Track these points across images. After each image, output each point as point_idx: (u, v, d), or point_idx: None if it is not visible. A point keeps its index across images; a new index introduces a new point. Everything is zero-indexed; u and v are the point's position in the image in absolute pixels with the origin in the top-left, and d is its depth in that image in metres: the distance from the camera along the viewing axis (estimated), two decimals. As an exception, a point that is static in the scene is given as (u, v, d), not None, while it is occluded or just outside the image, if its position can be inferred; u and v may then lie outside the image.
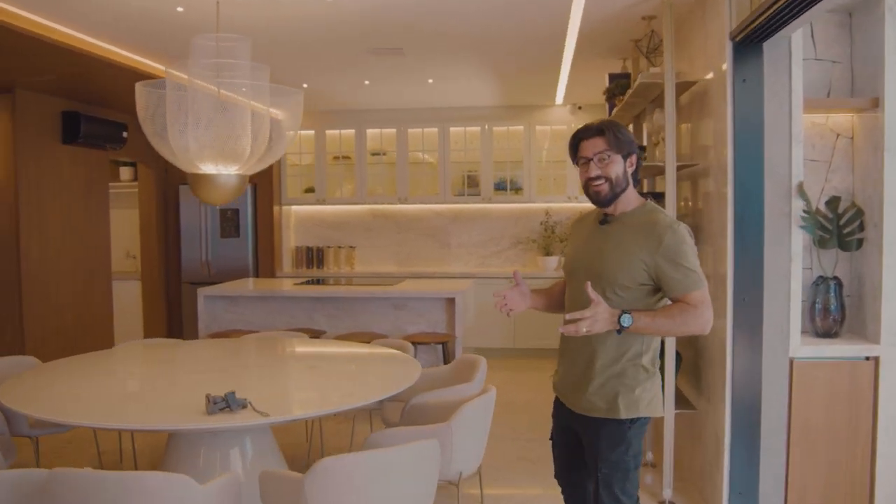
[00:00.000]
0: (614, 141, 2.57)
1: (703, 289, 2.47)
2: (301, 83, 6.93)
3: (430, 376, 4.43)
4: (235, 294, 6.64)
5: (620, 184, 2.58)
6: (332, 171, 8.84)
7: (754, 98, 3.53)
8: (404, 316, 6.51)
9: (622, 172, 2.57)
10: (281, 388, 3.67)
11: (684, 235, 2.49)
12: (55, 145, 6.68)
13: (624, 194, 2.61)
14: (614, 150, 2.56)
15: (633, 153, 2.61)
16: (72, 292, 6.98)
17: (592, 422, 2.65)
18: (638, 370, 2.59)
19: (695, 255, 2.49)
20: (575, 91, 7.52)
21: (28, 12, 4.58)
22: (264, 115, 3.92)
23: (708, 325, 2.47)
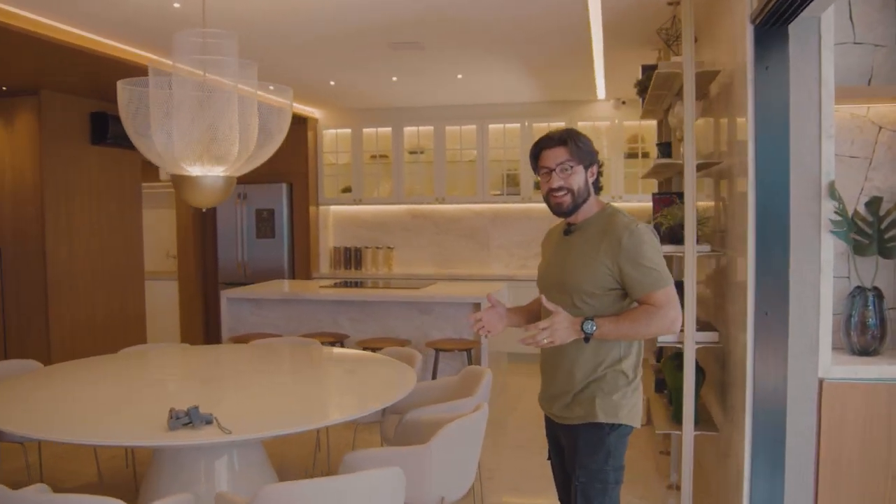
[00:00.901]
0: (576, 151, 2.55)
1: (666, 287, 2.43)
2: (327, 80, 6.77)
3: (434, 389, 4.18)
4: (259, 297, 6.51)
5: (582, 194, 2.57)
6: (369, 170, 8.66)
7: (778, 87, 3.15)
8: (430, 321, 6.27)
9: (584, 183, 2.56)
10: (260, 400, 3.46)
11: (642, 234, 2.46)
12: (84, 146, 6.67)
13: (586, 203, 2.60)
14: (576, 161, 2.54)
15: (595, 163, 2.61)
16: (102, 293, 6.97)
17: (572, 429, 2.60)
18: (617, 376, 2.54)
19: (657, 254, 2.46)
20: (616, 85, 7.14)
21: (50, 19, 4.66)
22: (252, 115, 3.72)
23: (675, 325, 2.43)
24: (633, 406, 2.56)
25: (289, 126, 3.90)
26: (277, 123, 3.84)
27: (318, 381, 3.88)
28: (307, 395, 3.59)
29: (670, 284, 2.44)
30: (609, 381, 2.53)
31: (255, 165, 3.85)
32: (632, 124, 7.89)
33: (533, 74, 6.69)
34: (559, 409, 2.63)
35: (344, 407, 3.34)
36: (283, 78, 6.59)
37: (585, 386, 2.55)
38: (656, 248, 2.48)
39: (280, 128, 3.85)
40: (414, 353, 4.46)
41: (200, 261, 8.73)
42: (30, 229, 6.33)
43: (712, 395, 4.18)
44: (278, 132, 3.85)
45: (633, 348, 2.57)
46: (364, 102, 8.22)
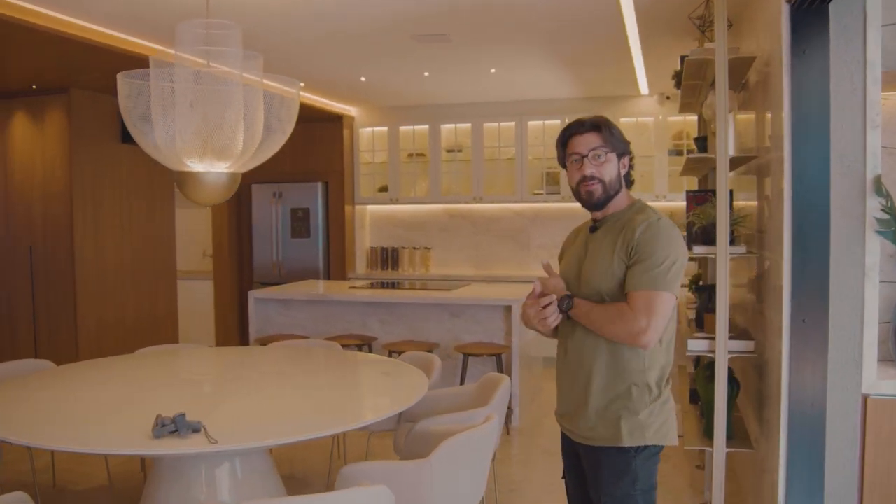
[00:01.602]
0: (610, 138, 2.37)
1: (651, 292, 2.20)
2: (357, 77, 6.62)
3: (450, 396, 3.98)
4: (287, 297, 6.39)
5: (614, 186, 2.39)
6: (406, 168, 8.49)
7: (818, 73, 2.86)
8: (461, 324, 6.06)
9: (616, 174, 2.39)
10: (260, 407, 3.31)
11: (661, 230, 2.27)
12: (114, 145, 6.65)
13: (616, 197, 2.42)
14: (609, 148, 2.37)
15: (627, 154, 2.43)
16: (132, 293, 6.95)
17: (594, 451, 2.39)
18: (643, 391, 2.31)
19: (670, 256, 2.24)
20: (659, 79, 6.82)
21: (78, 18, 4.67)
22: (258, 108, 3.57)
23: (640, 338, 2.19)
24: (662, 423, 2.33)
25: (295, 120, 3.73)
26: (284, 117, 3.68)
27: (325, 387, 3.71)
28: (309, 402, 3.42)
29: (661, 292, 2.21)
30: (634, 398, 2.31)
31: (260, 161, 3.70)
32: (676, 120, 7.56)
33: (570, 68, 6.43)
34: (580, 428, 2.42)
35: (343, 417, 3.16)
36: (313, 76, 6.49)
37: (608, 403, 2.34)
38: (673, 251, 2.25)
39: (287, 122, 3.70)
40: (433, 358, 4.26)
41: (236, 260, 8.68)
42: (59, 228, 6.33)
43: (750, 407, 3.89)
44: (285, 127, 3.69)
45: (657, 359, 2.32)
46: (400, 100, 8.06)
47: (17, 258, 6.51)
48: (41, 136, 6.39)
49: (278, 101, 3.68)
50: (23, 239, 6.49)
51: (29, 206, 6.48)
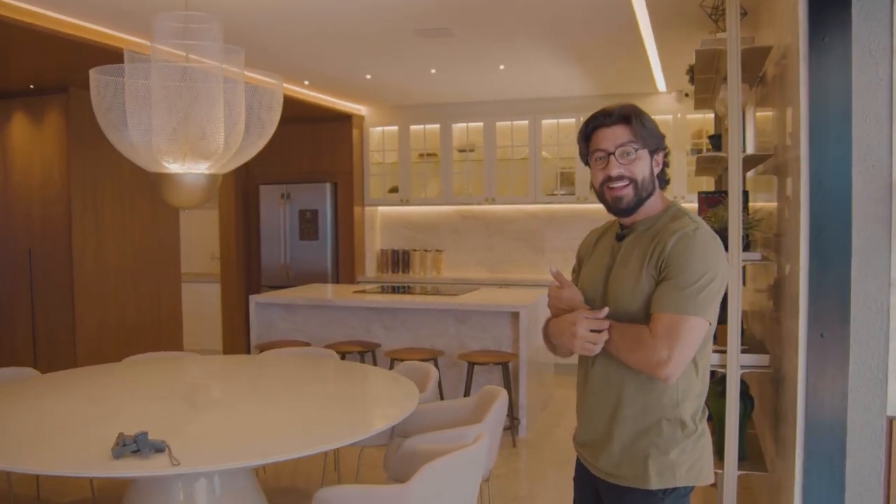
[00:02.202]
0: (641, 131, 2.04)
1: (680, 315, 1.87)
2: (362, 74, 6.42)
3: (446, 411, 3.76)
4: (289, 302, 6.20)
5: (646, 187, 2.05)
6: (417, 169, 8.28)
7: (838, 62, 2.60)
8: (467, 331, 5.84)
9: (649, 173, 2.05)
10: (235, 423, 3.10)
11: (697, 241, 1.92)
12: (114, 145, 6.49)
13: (649, 199, 2.07)
14: (641, 143, 2.04)
15: (661, 149, 2.09)
16: (133, 296, 6.80)
17: (616, 490, 2.09)
18: (675, 426, 2.00)
19: (706, 274, 1.89)
20: (677, 76, 6.54)
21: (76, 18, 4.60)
22: (239, 105, 3.37)
23: (662, 370, 1.88)
24: (695, 462, 2.03)
25: (279, 117, 3.53)
26: (267, 114, 3.48)
27: (310, 402, 3.50)
28: (290, 418, 3.21)
29: (689, 316, 1.88)
30: (665, 434, 2.00)
31: (241, 161, 3.51)
32: (696, 118, 7.27)
33: (582, 64, 6.18)
34: (601, 463, 2.12)
35: (321, 436, 2.94)
36: (316, 73, 6.32)
37: (635, 439, 2.04)
38: (711, 267, 1.92)
39: (271, 119, 3.49)
40: (430, 370, 4.04)
41: (243, 263, 8.52)
42: (58, 230, 6.19)
43: (766, 424, 3.62)
44: (268, 124, 3.48)
45: (691, 389, 2.01)
46: (410, 98, 7.85)
47: (16, 261, 6.39)
48: (40, 136, 6.26)
49: (261, 97, 3.47)
50: (21, 241, 6.37)
51: (28, 208, 6.35)
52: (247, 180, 8.51)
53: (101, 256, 6.49)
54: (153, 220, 7.03)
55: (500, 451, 5.23)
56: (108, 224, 6.57)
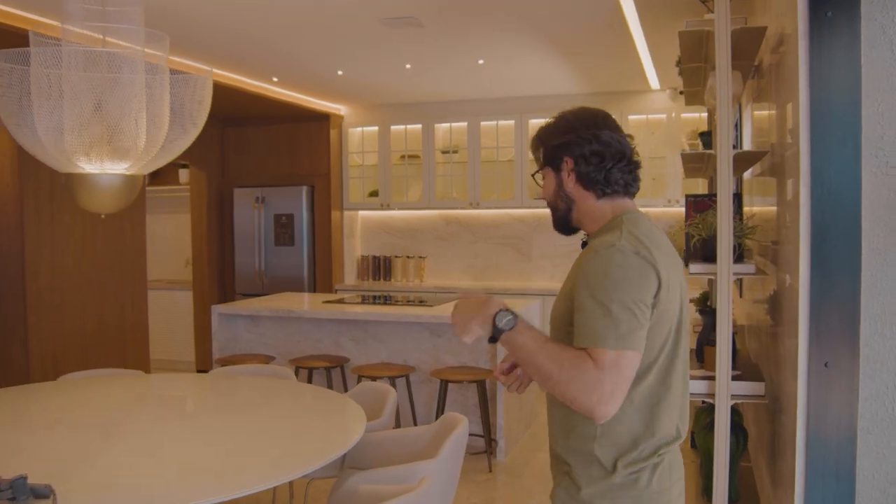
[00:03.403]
0: (538, 152, 1.91)
1: (612, 350, 1.57)
2: (334, 69, 6.01)
3: (401, 441, 3.35)
4: (253, 313, 5.79)
5: (558, 205, 1.89)
6: (398, 171, 7.87)
7: (845, 41, 2.19)
8: (443, 345, 5.42)
9: (555, 188, 1.87)
10: (150, 458, 2.68)
11: (611, 260, 1.64)
12: (71, 145, 6.09)
13: (579, 213, 1.86)
14: (542, 163, 1.90)
15: (566, 156, 1.82)
16: (94, 306, 6.38)
17: None
18: (589, 462, 1.73)
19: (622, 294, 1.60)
20: (671, 72, 6.14)
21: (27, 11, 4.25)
22: (163, 99, 2.97)
23: (599, 408, 1.55)
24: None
25: (207, 114, 3.12)
26: (197, 109, 3.07)
27: (240, 432, 3.08)
28: (216, 452, 2.80)
29: (613, 349, 1.57)
30: (578, 467, 1.75)
31: (166, 161, 3.12)
32: (691, 117, 6.86)
33: (568, 59, 5.77)
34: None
35: (245, 476, 2.53)
36: (284, 69, 5.92)
37: (559, 461, 1.83)
38: (627, 287, 1.62)
39: (199, 113, 3.08)
40: (388, 392, 3.63)
41: (216, 269, 8.10)
42: (8, 236, 5.77)
43: (762, 456, 3.21)
44: (196, 119, 3.08)
45: (617, 427, 1.70)
46: (389, 97, 7.44)
47: (-36, 269, 5.98)
48: (-13, 134, 5.85)
49: (189, 88, 3.07)
50: (-31, 248, 5.96)
51: (-25, 213, 5.94)
52: (220, 183, 8.11)
53: (58, 264, 6.07)
54: (117, 225, 6.61)
55: (474, 477, 4.84)
56: (66, 229, 6.15)
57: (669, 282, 1.67)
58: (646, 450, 1.71)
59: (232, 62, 5.77)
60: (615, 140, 1.81)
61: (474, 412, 5.32)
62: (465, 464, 3.98)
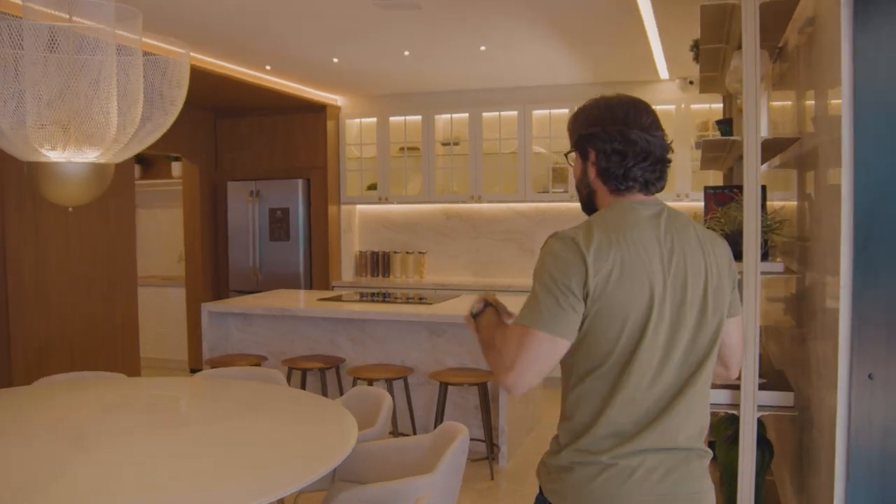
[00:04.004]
0: (571, 137, 1.91)
1: (521, 325, 1.68)
2: (329, 57, 5.76)
3: (395, 452, 3.11)
4: (245, 311, 5.55)
5: (581, 189, 1.91)
6: (397, 164, 7.61)
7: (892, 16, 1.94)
8: (442, 345, 5.18)
9: (581, 174, 1.89)
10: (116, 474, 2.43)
11: (546, 249, 1.73)
12: (55, 136, 5.84)
13: (595, 203, 1.88)
14: (573, 148, 1.90)
15: (591, 148, 1.82)
16: (81, 304, 6.13)
17: None
18: (555, 437, 1.84)
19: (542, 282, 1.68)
20: (681, 61, 5.89)
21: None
22: (137, 81, 2.72)
23: (504, 378, 1.67)
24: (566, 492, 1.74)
25: (185, 94, 2.87)
26: (174, 93, 2.82)
27: (223, 443, 2.83)
28: (190, 467, 2.55)
29: (524, 325, 1.66)
30: (552, 441, 1.86)
31: (140, 148, 2.86)
32: (701, 108, 6.61)
33: (574, 47, 5.52)
34: None
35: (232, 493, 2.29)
36: (278, 57, 5.67)
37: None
38: (550, 271, 1.67)
39: (176, 97, 2.83)
40: (382, 397, 3.39)
41: (210, 265, 7.86)
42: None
43: (785, 467, 2.97)
44: (172, 103, 2.83)
45: (577, 410, 1.74)
46: (388, 87, 7.19)
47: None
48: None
49: (165, 71, 2.82)
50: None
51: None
52: (214, 176, 7.86)
53: (42, 263, 5.83)
54: (104, 220, 6.37)
55: (475, 484, 4.59)
56: (50, 226, 5.90)
57: (616, 275, 1.65)
58: (594, 443, 1.70)
59: (222, 49, 5.52)
60: (643, 139, 1.79)
61: (475, 415, 5.08)
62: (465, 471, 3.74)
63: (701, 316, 1.72)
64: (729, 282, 1.82)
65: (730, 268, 1.84)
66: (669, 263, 1.70)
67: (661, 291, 1.68)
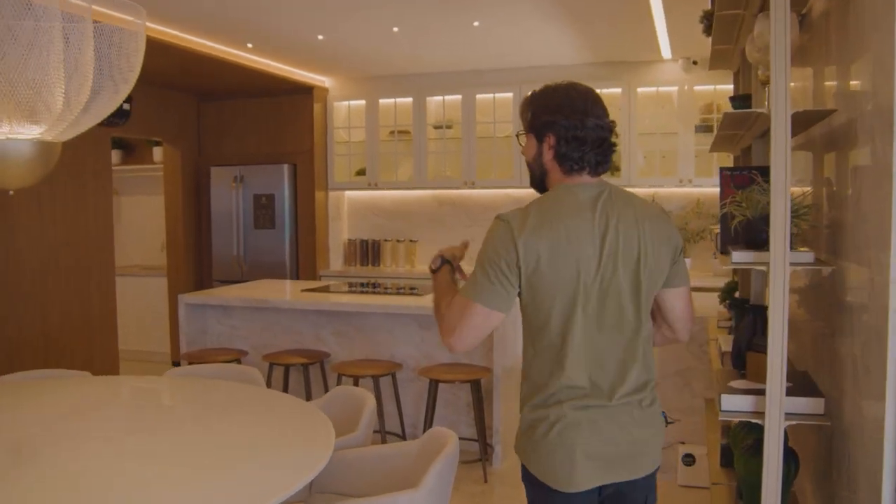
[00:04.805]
0: (525, 118, 2.14)
1: (463, 298, 1.97)
2: (313, 34, 5.45)
3: (378, 461, 2.83)
4: (224, 303, 5.25)
5: (534, 169, 2.13)
6: (387, 148, 7.30)
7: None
8: (432, 338, 4.89)
9: (533, 156, 2.11)
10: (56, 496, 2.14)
11: (488, 231, 2.00)
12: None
13: (546, 183, 2.11)
14: (526, 129, 2.14)
15: (551, 132, 2.03)
16: (57, 298, 5.84)
17: None
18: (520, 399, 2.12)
19: (480, 260, 1.97)
20: (685, 39, 5.60)
21: None
22: (86, 51, 2.41)
23: (445, 338, 2.00)
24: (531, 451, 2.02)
25: (139, 71, 2.56)
26: (126, 65, 2.51)
27: (187, 454, 2.54)
28: (151, 482, 2.26)
29: (465, 297, 1.97)
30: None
31: (90, 125, 2.55)
32: (705, 90, 6.31)
33: (572, 23, 5.21)
34: None
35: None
36: (257, 33, 5.35)
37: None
38: (489, 251, 1.96)
39: (129, 70, 2.52)
40: (365, 398, 3.11)
41: (193, 254, 7.55)
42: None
43: (806, 481, 2.69)
44: (127, 76, 2.52)
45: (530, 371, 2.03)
46: (377, 67, 6.87)
47: None
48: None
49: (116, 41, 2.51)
50: None
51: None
52: (197, 161, 7.54)
53: (13, 254, 5.52)
54: (80, 208, 6.07)
55: (467, 488, 4.32)
56: (21, 215, 5.60)
57: (546, 253, 1.89)
58: (550, 396, 1.96)
59: (200, 26, 5.21)
60: (598, 127, 2.00)
61: (468, 413, 4.80)
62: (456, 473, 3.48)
63: (634, 289, 1.96)
64: (669, 256, 2.03)
65: (670, 242, 2.03)
66: (602, 243, 1.92)
67: (591, 270, 1.92)
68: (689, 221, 6.49)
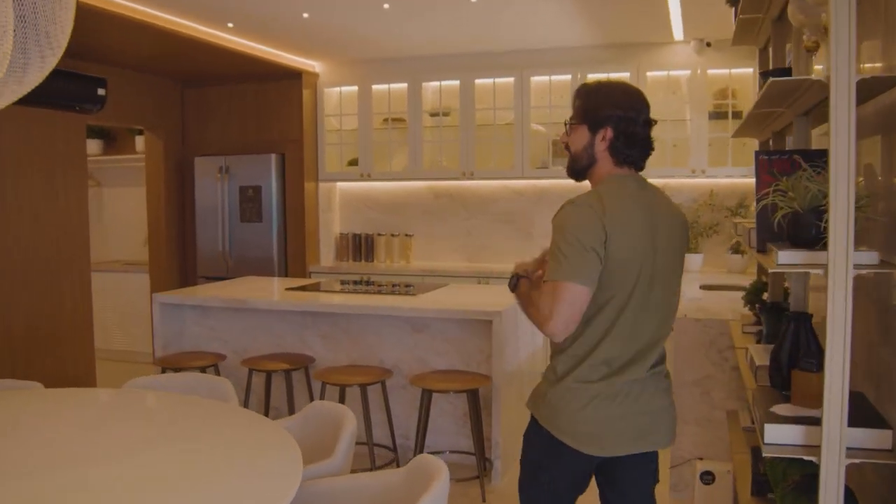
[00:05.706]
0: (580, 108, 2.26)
1: (553, 282, 2.09)
2: (298, 11, 5.03)
3: (357, 493, 2.43)
4: (201, 303, 4.86)
5: (582, 159, 2.26)
6: (381, 137, 6.89)
7: None
8: (426, 342, 4.50)
9: (583, 146, 2.24)
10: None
11: (564, 214, 2.14)
12: None
13: (590, 172, 2.27)
14: (579, 120, 2.25)
15: (606, 126, 2.20)
16: (24, 296, 5.44)
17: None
18: (550, 370, 2.29)
19: (567, 241, 2.08)
20: (699, 18, 5.19)
21: None
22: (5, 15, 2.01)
23: (545, 327, 2.10)
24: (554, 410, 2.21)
25: (69, 34, 2.15)
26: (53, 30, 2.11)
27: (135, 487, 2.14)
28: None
29: (562, 282, 2.05)
30: (547, 372, 2.30)
31: (12, 99, 2.14)
32: (720, 74, 5.90)
33: (579, 2, 4.80)
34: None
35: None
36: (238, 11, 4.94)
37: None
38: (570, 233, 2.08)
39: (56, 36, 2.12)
40: (344, 416, 2.71)
41: (176, 249, 7.16)
42: None
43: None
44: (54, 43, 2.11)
45: (572, 343, 2.18)
46: (369, 50, 6.46)
47: None
48: None
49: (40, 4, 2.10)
50: None
51: None
52: (180, 151, 7.14)
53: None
54: (52, 200, 5.67)
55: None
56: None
57: (620, 237, 2.08)
58: (591, 368, 2.16)
59: (174, 2, 4.79)
60: (647, 124, 2.21)
61: (465, 423, 4.42)
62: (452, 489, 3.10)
63: (675, 274, 2.23)
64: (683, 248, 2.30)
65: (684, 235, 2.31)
66: (654, 230, 2.15)
67: (648, 254, 2.13)
68: (702, 214, 6.09)
